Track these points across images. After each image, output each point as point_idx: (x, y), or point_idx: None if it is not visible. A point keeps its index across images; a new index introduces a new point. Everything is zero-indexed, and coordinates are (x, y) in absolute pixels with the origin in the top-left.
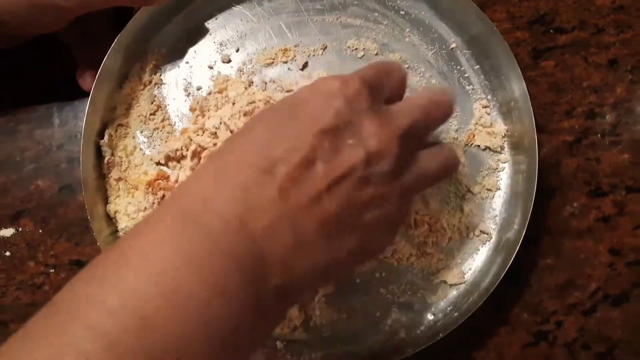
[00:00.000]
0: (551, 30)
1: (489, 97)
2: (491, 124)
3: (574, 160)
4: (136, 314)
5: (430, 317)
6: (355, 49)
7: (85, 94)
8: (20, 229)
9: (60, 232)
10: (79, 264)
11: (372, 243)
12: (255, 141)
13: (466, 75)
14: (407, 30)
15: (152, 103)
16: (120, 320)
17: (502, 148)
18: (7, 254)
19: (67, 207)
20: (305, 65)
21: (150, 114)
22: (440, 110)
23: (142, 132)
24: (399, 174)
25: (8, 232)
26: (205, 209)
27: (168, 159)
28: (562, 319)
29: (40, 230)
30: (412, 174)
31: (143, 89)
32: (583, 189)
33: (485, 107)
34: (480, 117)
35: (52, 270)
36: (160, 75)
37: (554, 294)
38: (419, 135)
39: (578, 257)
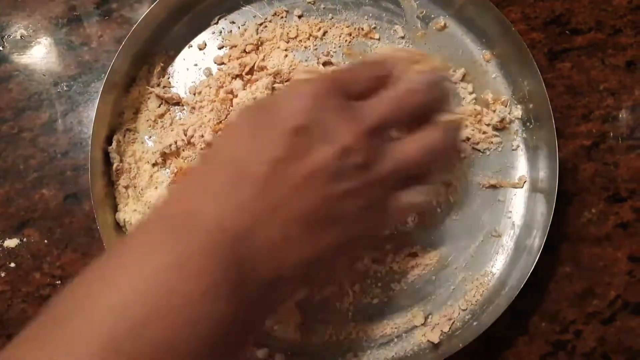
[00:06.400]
0: (567, 32)
1: (507, 99)
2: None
3: (591, 165)
4: (135, 313)
5: (448, 327)
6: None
7: (90, 99)
8: (25, 240)
9: (66, 242)
10: None
11: (357, 232)
12: (231, 147)
13: (484, 77)
14: (422, 31)
15: (159, 106)
16: (120, 319)
17: (521, 153)
18: (12, 265)
19: (73, 217)
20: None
21: (158, 118)
22: (420, 97)
23: (150, 137)
24: (372, 165)
25: (12, 242)
26: (190, 217)
27: (165, 156)
28: (581, 328)
29: (46, 241)
30: (387, 163)
31: (150, 93)
32: (601, 195)
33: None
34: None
35: (58, 282)
36: (168, 77)
37: (572, 303)
38: (397, 125)
39: (597, 264)
